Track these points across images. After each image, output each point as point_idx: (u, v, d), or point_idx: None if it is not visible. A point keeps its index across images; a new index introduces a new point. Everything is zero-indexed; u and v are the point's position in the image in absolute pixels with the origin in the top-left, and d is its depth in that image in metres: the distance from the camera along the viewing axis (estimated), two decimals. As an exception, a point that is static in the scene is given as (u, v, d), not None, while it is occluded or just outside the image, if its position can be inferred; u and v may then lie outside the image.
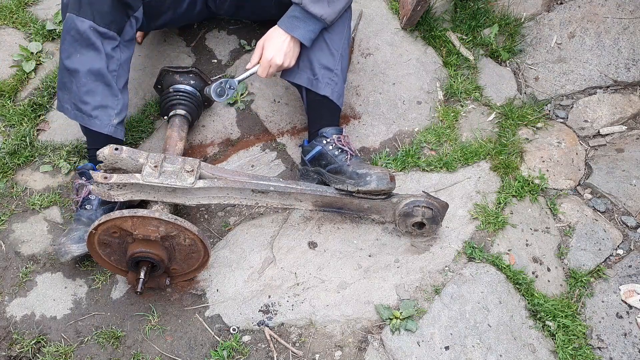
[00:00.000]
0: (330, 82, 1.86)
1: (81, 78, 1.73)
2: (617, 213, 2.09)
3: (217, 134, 2.17)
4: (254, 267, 1.85)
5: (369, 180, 1.74)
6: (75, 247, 1.73)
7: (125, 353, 1.69)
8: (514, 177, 2.09)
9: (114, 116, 1.79)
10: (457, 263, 1.86)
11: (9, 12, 2.46)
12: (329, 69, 1.85)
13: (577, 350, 1.75)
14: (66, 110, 1.79)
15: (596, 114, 2.33)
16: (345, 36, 1.90)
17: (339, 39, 1.87)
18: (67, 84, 1.76)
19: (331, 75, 1.86)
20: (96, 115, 1.77)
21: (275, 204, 1.86)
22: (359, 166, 1.80)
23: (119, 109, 1.80)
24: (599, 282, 1.92)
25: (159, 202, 1.74)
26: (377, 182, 1.74)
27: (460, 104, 2.29)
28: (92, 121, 1.77)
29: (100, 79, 1.73)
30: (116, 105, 1.79)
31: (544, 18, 2.51)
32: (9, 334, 1.71)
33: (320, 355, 1.69)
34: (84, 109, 1.76)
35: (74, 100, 1.75)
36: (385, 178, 1.75)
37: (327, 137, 1.88)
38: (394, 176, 1.78)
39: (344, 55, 1.91)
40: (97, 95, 1.75)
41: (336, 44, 1.86)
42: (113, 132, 1.79)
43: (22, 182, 2.01)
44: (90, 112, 1.76)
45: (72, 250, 1.72)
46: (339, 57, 1.87)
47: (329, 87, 1.86)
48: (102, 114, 1.77)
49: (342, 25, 1.88)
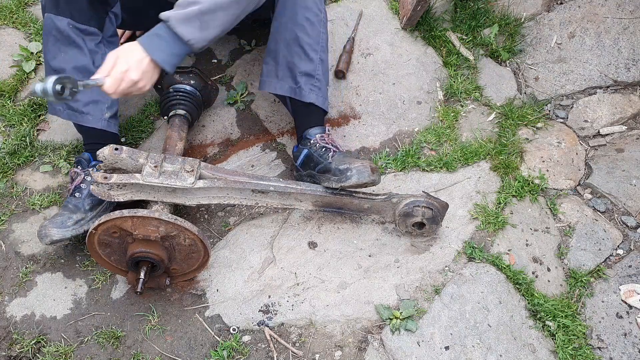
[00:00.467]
0: (314, 87, 1.86)
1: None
2: (617, 213, 2.09)
3: (217, 134, 2.17)
4: (254, 267, 1.85)
5: (350, 175, 1.72)
6: (55, 232, 1.72)
7: (125, 353, 1.69)
8: (514, 177, 2.09)
9: (106, 110, 1.81)
10: (457, 263, 1.86)
11: (9, 12, 2.46)
12: (309, 75, 1.85)
13: (577, 350, 1.75)
14: (59, 112, 1.80)
15: (596, 114, 2.33)
16: (321, 39, 1.88)
17: (315, 42, 1.86)
18: None
19: (313, 81, 1.86)
20: (87, 111, 1.78)
21: (275, 204, 1.86)
22: (341, 162, 1.78)
23: (110, 103, 1.82)
24: (599, 282, 1.92)
25: (158, 202, 1.74)
26: (357, 176, 1.71)
27: (460, 104, 2.29)
28: (85, 117, 1.78)
29: (87, 75, 1.72)
30: (107, 99, 1.78)
31: (544, 18, 2.51)
32: (9, 334, 1.71)
33: (320, 355, 1.69)
34: (75, 107, 1.77)
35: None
36: (366, 171, 1.72)
37: (310, 138, 1.88)
38: (376, 167, 1.75)
39: (323, 59, 1.90)
40: (87, 92, 1.75)
41: (313, 49, 1.85)
42: (106, 126, 1.80)
43: (22, 182, 2.01)
44: (81, 109, 1.77)
45: (51, 234, 1.72)
46: (318, 61, 1.86)
47: (313, 94, 1.86)
48: (93, 109, 1.79)
49: (317, 29, 1.87)
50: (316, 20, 1.85)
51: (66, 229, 1.73)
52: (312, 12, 1.84)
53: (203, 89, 2.04)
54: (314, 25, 1.85)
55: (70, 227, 1.74)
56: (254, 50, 2.37)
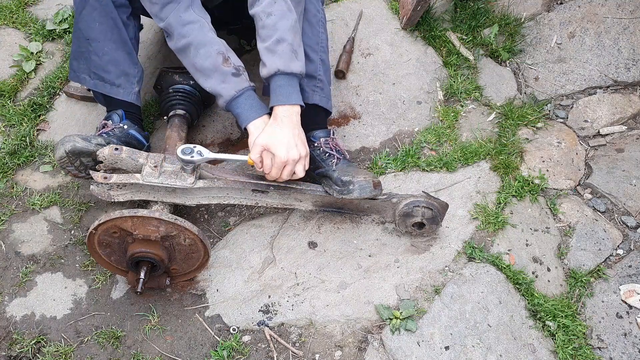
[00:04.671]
0: (316, 88, 1.85)
1: (102, 47, 1.76)
2: (617, 213, 2.09)
3: (217, 133, 2.17)
4: (254, 267, 1.85)
5: (352, 189, 1.71)
6: (80, 140, 1.70)
7: (125, 353, 1.69)
8: (514, 177, 2.09)
9: (135, 84, 1.85)
10: (457, 263, 1.86)
11: (9, 12, 2.46)
12: (311, 77, 1.84)
13: (577, 350, 1.75)
14: (83, 80, 1.82)
15: (596, 114, 2.33)
16: (321, 40, 1.88)
17: (314, 43, 1.85)
18: (86, 54, 1.79)
19: (315, 82, 1.85)
20: (119, 84, 1.81)
21: (275, 204, 1.86)
22: (344, 172, 1.75)
23: (139, 77, 1.86)
24: (599, 282, 1.92)
25: (158, 202, 1.74)
26: (359, 191, 1.71)
27: (460, 104, 2.29)
28: (117, 90, 1.81)
29: (121, 47, 1.77)
30: (136, 72, 1.84)
31: (544, 18, 2.51)
32: (9, 334, 1.71)
33: (320, 355, 1.69)
34: (107, 78, 1.79)
35: (94, 69, 1.79)
36: (368, 186, 1.71)
37: (314, 141, 1.86)
38: (379, 182, 1.76)
39: (324, 60, 1.89)
40: (120, 64, 1.79)
41: (313, 50, 1.84)
42: (135, 99, 1.85)
43: (22, 182, 2.01)
44: (113, 81, 1.80)
45: (76, 140, 1.69)
46: (318, 62, 1.86)
47: (316, 95, 1.85)
48: (125, 82, 1.82)
49: (316, 29, 1.86)
50: (314, 21, 1.85)
51: (90, 143, 1.71)
52: (310, 13, 1.84)
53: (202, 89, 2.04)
54: (313, 25, 1.84)
55: (94, 144, 1.72)
56: (253, 50, 2.37)
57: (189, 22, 1.64)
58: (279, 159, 1.58)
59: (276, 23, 1.60)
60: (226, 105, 1.66)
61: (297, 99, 1.63)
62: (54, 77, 2.26)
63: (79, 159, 1.71)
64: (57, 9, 2.48)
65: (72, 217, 1.93)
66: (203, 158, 1.62)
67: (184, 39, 1.65)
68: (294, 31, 1.63)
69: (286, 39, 1.60)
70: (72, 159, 1.71)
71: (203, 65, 1.64)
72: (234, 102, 1.64)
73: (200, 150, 1.62)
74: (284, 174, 1.63)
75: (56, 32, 2.41)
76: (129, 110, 1.88)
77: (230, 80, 1.64)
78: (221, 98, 1.65)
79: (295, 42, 1.63)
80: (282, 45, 1.60)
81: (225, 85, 1.64)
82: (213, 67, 1.63)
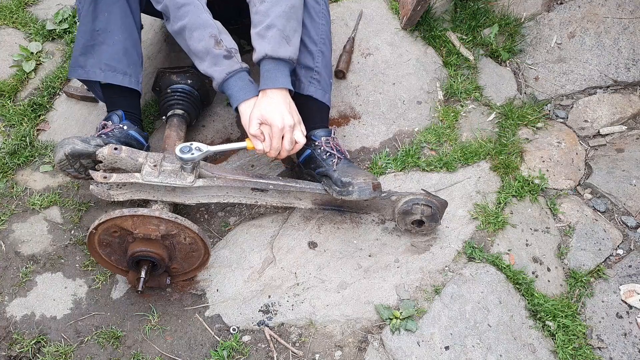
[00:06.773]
0: (313, 80, 1.84)
1: (113, 36, 1.77)
2: (617, 213, 2.09)
3: (217, 133, 2.17)
4: (254, 267, 1.85)
5: (351, 190, 1.71)
6: (79, 142, 1.70)
7: (125, 353, 1.69)
8: (514, 177, 2.09)
9: (140, 73, 1.86)
10: (457, 263, 1.86)
11: (9, 12, 2.47)
12: (308, 68, 1.83)
13: (577, 350, 1.75)
14: (93, 74, 1.81)
15: (596, 114, 2.33)
16: (321, 31, 1.86)
17: (314, 34, 1.84)
18: (96, 46, 1.79)
19: (312, 74, 1.84)
20: (130, 73, 1.82)
21: (275, 203, 1.86)
22: (344, 173, 1.76)
23: (142, 65, 1.88)
24: (599, 282, 1.92)
25: (158, 201, 1.74)
26: (359, 193, 1.71)
27: (460, 104, 2.30)
28: (129, 79, 1.82)
29: (132, 35, 1.79)
30: (141, 63, 1.87)
31: (544, 18, 2.51)
32: (9, 334, 1.71)
33: (320, 355, 1.69)
34: (118, 67, 1.80)
35: (105, 60, 1.79)
36: (368, 189, 1.72)
37: (315, 140, 1.86)
38: (379, 184, 1.76)
39: (324, 52, 1.87)
40: (130, 52, 1.81)
41: (312, 41, 1.83)
42: (140, 88, 1.87)
43: (22, 182, 2.01)
44: (125, 69, 1.81)
45: (75, 142, 1.69)
46: (317, 53, 1.84)
47: (312, 86, 1.84)
48: (134, 71, 1.83)
49: (316, 20, 1.84)
50: (314, 12, 1.83)
51: (89, 145, 1.71)
52: (310, 4, 1.82)
53: (201, 87, 2.04)
54: (312, 16, 1.83)
55: (93, 145, 1.72)
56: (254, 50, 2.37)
57: (184, 4, 1.64)
58: (276, 128, 1.59)
59: (269, 9, 1.62)
60: (219, 87, 1.68)
61: (285, 82, 1.64)
62: (54, 77, 2.26)
63: (79, 161, 1.71)
64: (57, 9, 2.48)
65: (72, 217, 1.93)
66: (203, 153, 1.63)
67: (179, 22, 1.65)
68: (286, 17, 1.63)
69: (276, 24, 1.61)
70: (72, 161, 1.71)
71: (197, 48, 1.65)
72: (225, 83, 1.66)
73: (199, 146, 1.63)
74: (285, 143, 1.63)
75: (56, 32, 2.41)
76: (129, 110, 1.88)
77: (222, 62, 1.64)
78: (214, 80, 1.67)
79: (287, 28, 1.63)
80: (271, 30, 1.61)
81: (217, 68, 1.65)
82: (205, 50, 1.64)
